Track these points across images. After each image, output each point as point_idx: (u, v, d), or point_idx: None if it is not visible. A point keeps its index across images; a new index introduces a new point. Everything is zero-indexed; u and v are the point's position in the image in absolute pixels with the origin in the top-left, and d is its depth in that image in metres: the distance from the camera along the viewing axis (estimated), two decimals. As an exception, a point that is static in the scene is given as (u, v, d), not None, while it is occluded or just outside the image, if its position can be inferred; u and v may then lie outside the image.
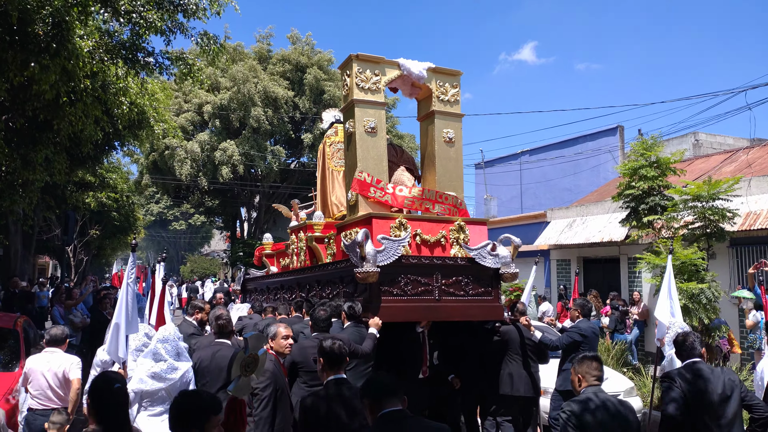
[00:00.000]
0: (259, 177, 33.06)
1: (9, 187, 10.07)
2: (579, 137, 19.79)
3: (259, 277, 10.15)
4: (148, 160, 30.58)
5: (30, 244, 16.18)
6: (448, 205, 6.62)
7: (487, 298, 6.25)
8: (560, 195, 19.95)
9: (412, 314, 5.96)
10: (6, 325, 7.28)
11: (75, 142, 11.25)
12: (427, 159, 7.12)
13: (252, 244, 35.02)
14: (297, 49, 32.32)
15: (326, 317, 5.36)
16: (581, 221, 15.38)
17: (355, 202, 6.54)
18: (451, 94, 7.10)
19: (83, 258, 29.40)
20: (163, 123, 14.66)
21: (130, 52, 9.98)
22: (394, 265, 5.74)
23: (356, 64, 6.60)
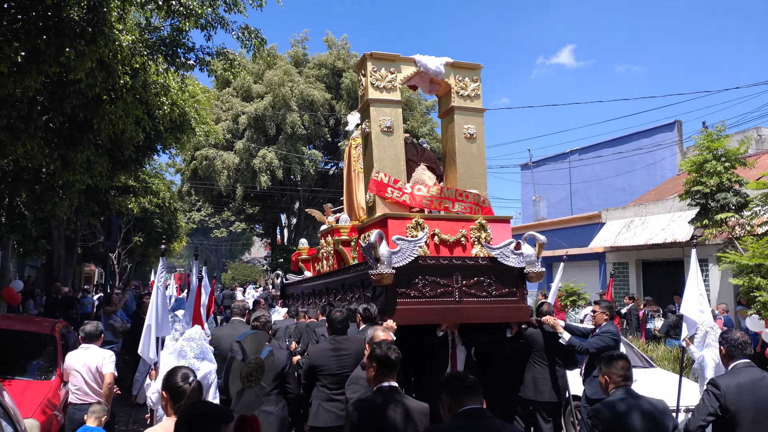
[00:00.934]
0: (297, 182, 32.85)
1: (50, 189, 9.83)
2: (633, 134, 18.85)
3: (294, 282, 10.09)
4: (188, 169, 30.70)
5: (73, 250, 16.11)
6: (469, 203, 6.39)
7: (511, 298, 6.00)
8: (613, 195, 19.03)
9: (431, 317, 5.74)
10: (43, 331, 6.93)
11: (116, 145, 11.02)
12: (448, 156, 6.94)
13: (291, 250, 34.90)
14: (333, 53, 32.02)
15: (342, 319, 5.30)
16: (640, 222, 14.51)
17: (373, 203, 6.41)
18: (471, 88, 6.89)
19: (127, 265, 29.59)
20: (204, 125, 14.42)
21: (170, 48, 9.70)
22: (410, 266, 5.57)
23: (370, 62, 6.50)
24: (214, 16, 9.25)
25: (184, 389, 2.97)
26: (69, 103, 8.24)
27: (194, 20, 8.50)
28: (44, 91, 8.25)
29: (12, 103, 7.67)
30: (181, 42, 9.57)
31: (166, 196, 26.19)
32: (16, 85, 6.83)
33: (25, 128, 8.00)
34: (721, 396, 3.62)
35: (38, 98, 8.32)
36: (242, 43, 9.65)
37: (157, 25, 9.59)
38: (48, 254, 14.14)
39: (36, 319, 7.97)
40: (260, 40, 9.69)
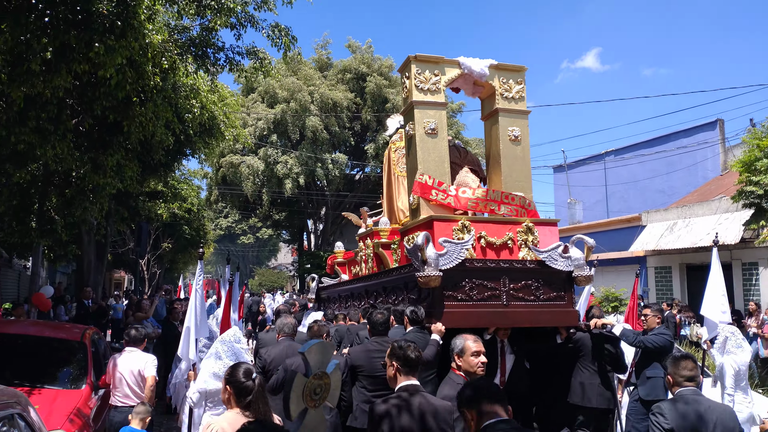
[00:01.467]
0: (323, 188, 32.69)
1: (80, 193, 9.69)
2: (673, 134, 18.22)
3: (331, 285, 10.00)
4: (217, 176, 30.74)
5: (103, 255, 16.06)
6: (515, 205, 6.35)
7: (559, 302, 5.90)
8: (652, 197, 18.41)
9: (478, 320, 5.61)
10: (73, 338, 6.69)
11: (146, 148, 10.87)
12: (492, 159, 6.87)
13: (319, 255, 34.73)
14: (357, 57, 31.79)
15: (384, 320, 5.35)
16: (683, 224, 13.92)
17: (417, 206, 6.40)
18: (516, 90, 6.84)
19: (156, 271, 29.71)
20: (233, 129, 14.25)
21: (199, 49, 9.52)
22: (457, 268, 5.49)
23: (415, 65, 6.49)
24: (244, 14, 9.06)
25: (248, 386, 3.09)
26: (99, 104, 8.06)
27: (225, 18, 8.28)
28: (74, 92, 8.09)
29: (41, 104, 7.51)
30: (210, 42, 9.39)
31: (195, 202, 26.21)
32: (45, 85, 6.65)
33: (54, 130, 7.85)
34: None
35: (67, 100, 8.16)
36: (272, 41, 9.44)
37: (187, 25, 9.40)
38: (78, 260, 14.07)
39: (66, 326, 7.77)
40: (291, 38, 9.46)
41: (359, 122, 30.51)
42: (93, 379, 6.18)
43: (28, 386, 5.75)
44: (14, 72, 6.28)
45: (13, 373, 5.96)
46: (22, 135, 7.46)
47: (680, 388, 3.53)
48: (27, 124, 7.40)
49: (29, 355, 6.34)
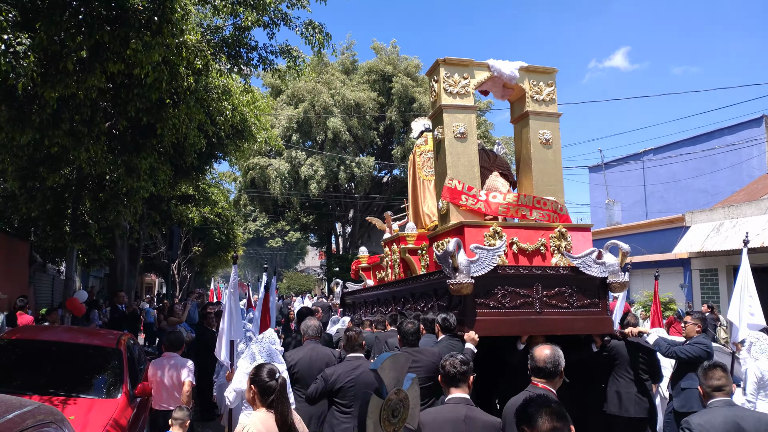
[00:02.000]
0: (351, 190, 32.51)
1: (114, 197, 9.58)
2: (715, 131, 17.57)
3: (356, 290, 9.86)
4: (246, 179, 30.76)
5: (136, 259, 16.03)
6: (547, 210, 6.23)
7: (593, 309, 5.80)
8: (694, 197, 17.78)
9: (511, 328, 5.56)
10: (108, 344, 6.50)
11: (178, 151, 10.75)
12: (523, 162, 6.73)
13: (347, 258, 34.57)
14: (382, 58, 31.52)
15: (414, 330, 5.17)
16: (731, 224, 13.34)
17: (446, 211, 6.30)
18: (546, 93, 6.71)
19: (187, 275, 29.83)
20: (265, 131, 14.10)
21: (232, 49, 9.34)
22: (489, 275, 5.44)
23: (443, 68, 6.40)
24: (276, 12, 8.86)
25: (271, 385, 3.27)
26: (132, 106, 7.92)
27: (258, 15, 8.08)
28: (107, 94, 7.96)
29: (75, 105, 7.38)
30: (244, 41, 9.20)
31: (225, 206, 26.23)
32: (79, 86, 6.51)
33: (88, 133, 7.72)
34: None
35: (100, 102, 8.03)
36: (306, 39, 9.22)
37: (219, 25, 9.23)
38: (111, 264, 14.04)
39: (101, 332, 7.61)
40: (325, 35, 9.23)
41: (384, 123, 30.23)
42: (129, 388, 5.98)
43: (63, 395, 5.58)
44: (48, 72, 6.13)
45: (48, 382, 5.79)
46: (55, 138, 7.34)
47: (711, 399, 3.48)
48: (60, 127, 7.27)
49: (64, 362, 6.18)
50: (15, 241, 12.41)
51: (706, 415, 3.40)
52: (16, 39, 5.33)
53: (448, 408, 3.45)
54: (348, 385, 4.64)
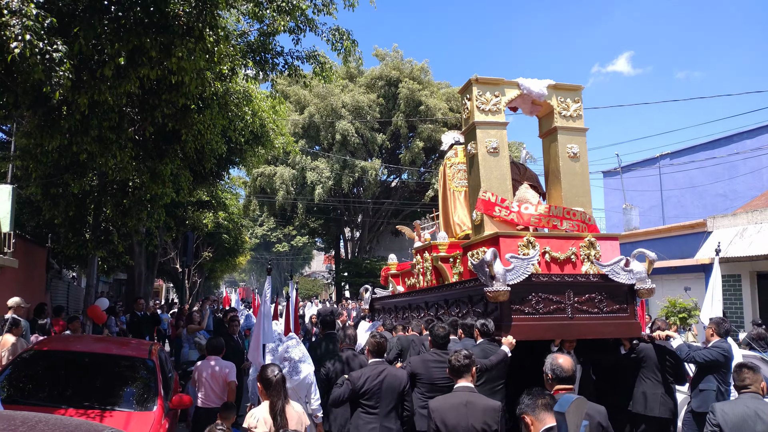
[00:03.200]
0: (359, 195, 32.38)
1: (137, 203, 9.47)
2: (734, 135, 17.39)
3: (386, 296, 10.15)
4: (255, 184, 30.67)
5: (153, 265, 15.94)
6: (576, 221, 6.56)
7: (622, 314, 6.14)
8: (712, 202, 17.60)
9: (545, 333, 5.90)
10: (141, 355, 6.38)
11: (198, 158, 10.65)
12: (552, 175, 7.10)
13: (357, 263, 34.43)
14: (388, 63, 31.41)
15: (444, 335, 5.59)
16: (755, 230, 13.17)
17: (480, 222, 6.65)
18: (573, 109, 7.07)
19: (197, 280, 29.73)
20: (282, 137, 14.00)
21: (257, 54, 9.25)
22: (524, 283, 5.76)
23: (476, 87, 6.79)
24: (302, 17, 8.77)
25: (270, 378, 4.16)
26: (159, 112, 7.82)
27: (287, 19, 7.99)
28: (135, 99, 7.87)
29: (103, 111, 7.28)
30: (269, 47, 9.11)
31: (235, 211, 26.15)
32: (110, 92, 6.41)
33: (116, 139, 7.62)
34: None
35: (125, 108, 7.93)
36: (332, 45, 9.13)
37: (245, 30, 9.14)
38: (129, 270, 13.93)
39: (132, 342, 7.49)
40: (352, 42, 9.14)
41: (390, 128, 30.11)
42: (164, 400, 5.87)
43: (99, 408, 5.47)
44: (80, 78, 6.03)
45: (82, 395, 5.68)
46: (84, 144, 7.24)
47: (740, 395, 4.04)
48: (89, 133, 7.16)
49: (96, 374, 6.06)
50: (33, 247, 12.32)
51: (730, 404, 4.01)
52: (51, 46, 5.24)
53: (454, 395, 4.08)
54: (374, 388, 4.96)
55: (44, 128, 6.68)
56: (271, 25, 8.74)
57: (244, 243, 32.45)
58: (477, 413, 3.88)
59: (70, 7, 5.51)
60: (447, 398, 4.09)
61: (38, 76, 4.98)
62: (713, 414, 3.92)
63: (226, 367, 6.63)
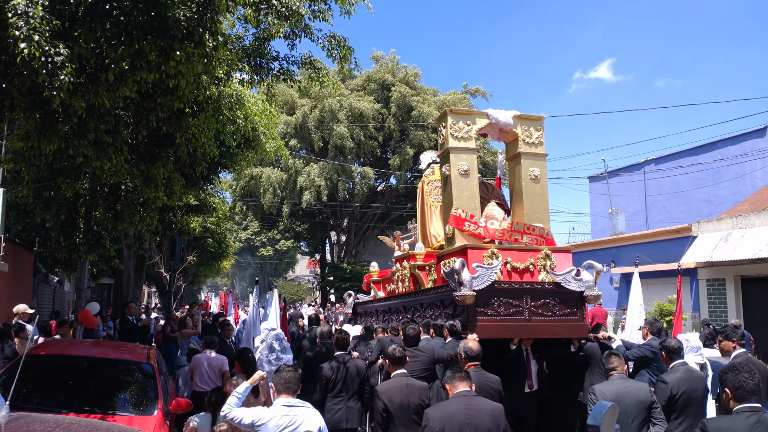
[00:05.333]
0: (346, 199, 32.36)
1: (129, 207, 9.42)
2: (718, 141, 17.71)
3: (368, 301, 10.96)
4: (239, 187, 30.51)
5: (142, 269, 15.80)
6: (535, 235, 7.42)
7: (573, 317, 7.01)
8: (696, 207, 17.90)
9: (505, 332, 6.79)
10: (139, 359, 6.35)
11: (189, 161, 10.61)
12: (516, 195, 7.98)
13: (342, 267, 34.39)
14: (382, 67, 31.50)
15: (414, 334, 6.42)
16: (739, 234, 13.43)
17: (452, 235, 7.52)
18: (536, 137, 7.94)
19: (181, 285, 29.47)
20: (274, 140, 13.98)
21: (252, 59, 9.25)
22: (488, 289, 6.64)
23: (450, 117, 7.70)
24: (298, 23, 8.78)
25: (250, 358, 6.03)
26: (154, 115, 7.80)
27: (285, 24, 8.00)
28: (130, 103, 7.84)
29: (100, 115, 7.24)
30: (264, 52, 9.11)
31: (221, 215, 25.99)
32: (109, 95, 6.38)
33: (112, 142, 7.58)
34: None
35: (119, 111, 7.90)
36: (328, 52, 9.15)
37: (240, 35, 9.14)
38: (117, 274, 13.80)
39: (128, 346, 7.45)
40: (347, 48, 9.16)
41: (383, 132, 30.16)
42: (163, 404, 5.85)
43: (100, 413, 5.43)
44: (81, 81, 6.00)
45: (82, 399, 5.64)
46: (81, 148, 7.20)
47: (610, 376, 4.97)
48: (86, 137, 7.12)
49: (96, 378, 6.02)
50: (21, 251, 12.18)
51: (605, 384, 4.89)
52: (54, 49, 5.22)
53: (395, 380, 5.08)
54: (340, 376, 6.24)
55: (42, 131, 6.62)
56: (267, 29, 8.75)
57: (229, 247, 32.25)
58: (414, 392, 4.97)
59: (71, 11, 5.49)
60: (390, 383, 5.10)
61: (42, 79, 4.95)
62: (594, 394, 4.75)
63: (217, 359, 7.81)
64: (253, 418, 4.06)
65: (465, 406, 4.18)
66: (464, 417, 4.12)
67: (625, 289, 16.49)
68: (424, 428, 4.21)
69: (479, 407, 4.19)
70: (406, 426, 4.83)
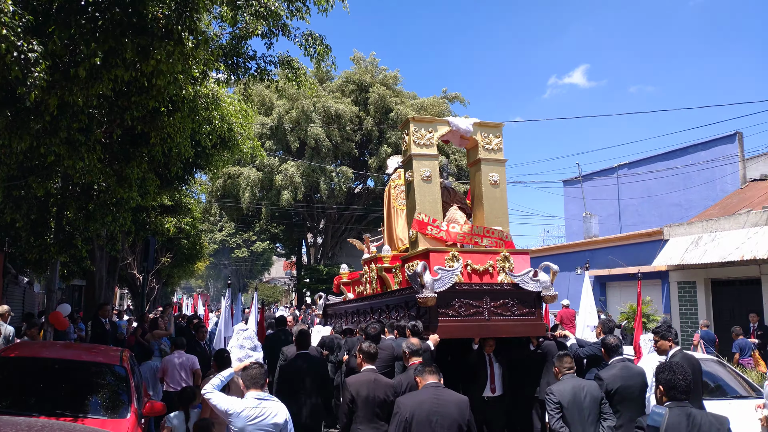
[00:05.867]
0: (323, 200, 32.22)
1: (102, 207, 9.25)
2: (690, 146, 18.05)
3: (338, 302, 11.27)
4: (215, 187, 30.20)
5: (114, 271, 15.53)
6: (494, 238, 7.67)
7: (530, 317, 7.30)
8: (668, 211, 18.21)
9: (466, 332, 7.02)
10: (112, 362, 6.24)
11: (165, 161, 10.48)
12: (476, 199, 8.23)
13: (318, 269, 34.22)
14: (362, 69, 31.48)
15: (375, 334, 6.80)
16: (710, 238, 13.69)
17: (415, 239, 7.75)
18: (495, 143, 8.19)
19: (155, 286, 29.07)
20: (250, 141, 13.87)
21: (229, 58, 9.17)
22: (449, 291, 6.88)
23: (413, 125, 7.94)
24: (275, 22, 8.73)
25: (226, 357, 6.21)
26: (129, 114, 7.69)
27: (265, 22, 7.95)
28: (104, 101, 7.70)
29: (73, 113, 7.11)
30: (241, 51, 9.05)
31: (197, 215, 25.70)
32: (82, 93, 6.27)
33: (85, 141, 7.44)
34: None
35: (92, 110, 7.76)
36: (305, 50, 9.12)
37: (216, 33, 9.06)
38: (89, 276, 13.57)
39: (101, 348, 7.29)
40: (325, 47, 9.14)
41: (361, 133, 30.11)
42: (137, 407, 5.76)
43: (71, 416, 5.33)
44: (54, 78, 5.89)
45: (53, 402, 5.53)
46: (52, 146, 7.05)
47: (564, 375, 5.26)
48: (58, 135, 6.98)
49: (68, 381, 5.90)
50: (-12, 251, 11.89)
51: (561, 384, 5.16)
52: (28, 45, 5.12)
53: (364, 375, 5.34)
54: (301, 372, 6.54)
55: (13, 129, 6.48)
56: (244, 28, 8.69)
57: (203, 248, 31.87)
58: (380, 388, 5.20)
59: (45, 6, 5.38)
60: (359, 376, 5.36)
61: (15, 75, 4.85)
62: (552, 394, 5.07)
63: (188, 359, 8.09)
64: (228, 406, 4.48)
65: (434, 396, 4.51)
66: (432, 405, 4.44)
67: (598, 291, 16.72)
68: (395, 415, 4.54)
69: (447, 398, 4.55)
70: (369, 419, 5.09)
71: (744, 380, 7.78)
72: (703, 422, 3.49)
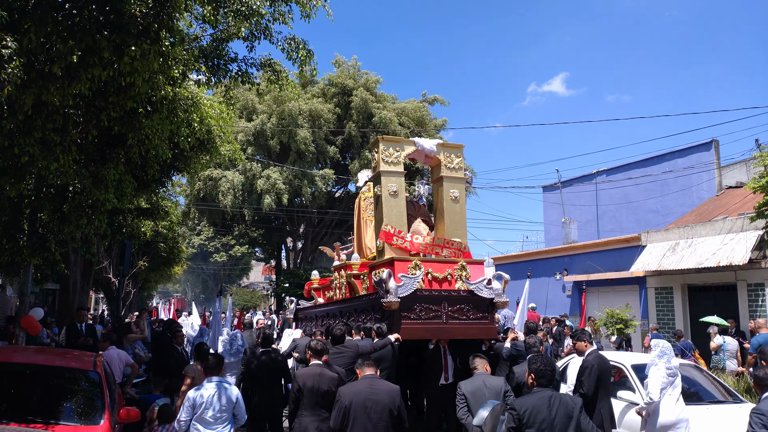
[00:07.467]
0: (305, 204, 32.02)
1: (76, 209, 9.07)
2: (667, 154, 18.28)
3: (308, 306, 12.01)
4: (194, 190, 29.86)
5: (89, 274, 15.24)
6: (453, 249, 8.39)
7: (484, 321, 8.07)
8: (645, 217, 18.41)
9: (425, 333, 7.82)
10: (85, 367, 6.09)
11: (142, 163, 10.31)
12: (438, 213, 8.96)
13: (298, 274, 33.95)
14: (344, 72, 31.40)
15: (340, 335, 7.33)
16: (686, 244, 13.85)
17: (382, 248, 8.44)
18: (456, 162, 8.90)
19: (131, 290, 28.64)
20: (229, 144, 13.71)
21: (210, 60, 9.06)
22: (411, 296, 7.60)
23: (381, 144, 8.61)
24: (258, 25, 8.65)
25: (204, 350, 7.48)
26: (106, 114, 7.54)
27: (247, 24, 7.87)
28: (80, 101, 7.55)
29: (48, 112, 6.95)
30: (222, 53, 8.94)
31: (174, 218, 25.36)
32: (59, 92, 6.13)
33: (60, 142, 7.29)
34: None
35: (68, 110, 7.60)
36: (287, 54, 9.04)
37: (197, 34, 8.94)
38: (63, 279, 13.29)
39: (75, 353, 7.10)
40: (307, 51, 9.07)
41: (342, 137, 30.01)
42: (110, 413, 5.63)
43: (42, 423, 5.19)
44: (29, 76, 5.75)
45: (24, 409, 5.38)
46: (26, 146, 6.88)
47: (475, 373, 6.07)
48: (32, 135, 6.82)
49: (40, 387, 5.76)
50: (-41, 254, 11.56)
51: (469, 381, 5.92)
52: (1, 42, 4.99)
53: (311, 368, 5.88)
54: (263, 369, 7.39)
55: (-15, 128, 6.31)
56: (225, 30, 8.59)
57: (181, 252, 31.48)
58: (325, 380, 5.76)
59: (21, 3, 5.26)
60: (306, 370, 5.95)
61: (-13, 73, 4.72)
62: (460, 388, 5.84)
63: (120, 354, 8.53)
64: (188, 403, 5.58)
65: (369, 386, 5.23)
66: (367, 394, 5.15)
67: (577, 296, 16.83)
68: (336, 402, 5.23)
69: (380, 387, 5.28)
70: (312, 407, 5.70)
71: (721, 385, 7.85)
72: (561, 402, 4.18)
